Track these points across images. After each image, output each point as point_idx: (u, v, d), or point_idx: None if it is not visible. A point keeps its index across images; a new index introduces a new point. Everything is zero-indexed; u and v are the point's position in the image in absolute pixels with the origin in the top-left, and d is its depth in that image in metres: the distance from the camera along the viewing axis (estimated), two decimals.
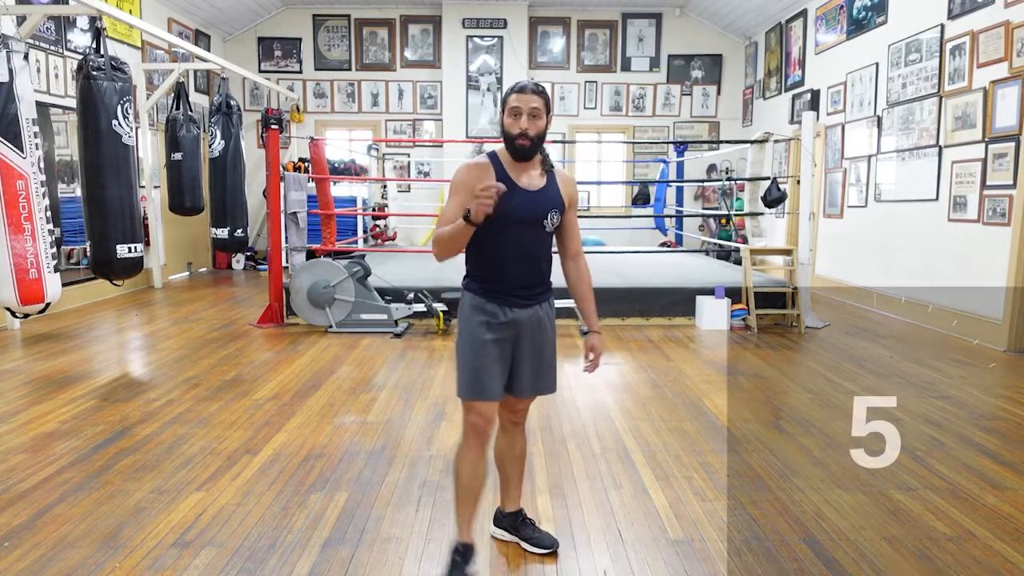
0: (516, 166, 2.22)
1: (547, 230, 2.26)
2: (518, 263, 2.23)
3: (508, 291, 2.24)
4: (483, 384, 2.22)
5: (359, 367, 4.85)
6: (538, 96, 2.17)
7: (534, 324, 2.28)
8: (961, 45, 5.96)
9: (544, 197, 2.24)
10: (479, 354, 2.22)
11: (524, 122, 2.15)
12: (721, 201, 10.45)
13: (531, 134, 2.16)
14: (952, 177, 6.07)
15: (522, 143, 2.16)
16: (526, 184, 2.22)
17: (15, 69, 4.48)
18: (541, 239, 2.26)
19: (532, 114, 2.16)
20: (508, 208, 2.13)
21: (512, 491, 2.49)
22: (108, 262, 5.33)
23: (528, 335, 2.28)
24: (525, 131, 2.16)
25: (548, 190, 2.25)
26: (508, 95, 2.19)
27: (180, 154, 8.27)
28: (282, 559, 2.36)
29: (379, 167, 11.01)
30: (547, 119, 2.20)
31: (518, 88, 2.19)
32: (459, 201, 2.16)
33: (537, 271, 2.28)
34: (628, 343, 5.67)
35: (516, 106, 2.16)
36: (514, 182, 2.20)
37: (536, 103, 2.16)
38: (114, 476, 2.99)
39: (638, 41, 11.12)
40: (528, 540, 2.45)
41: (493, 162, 2.23)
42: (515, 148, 2.18)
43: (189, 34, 9.63)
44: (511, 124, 2.17)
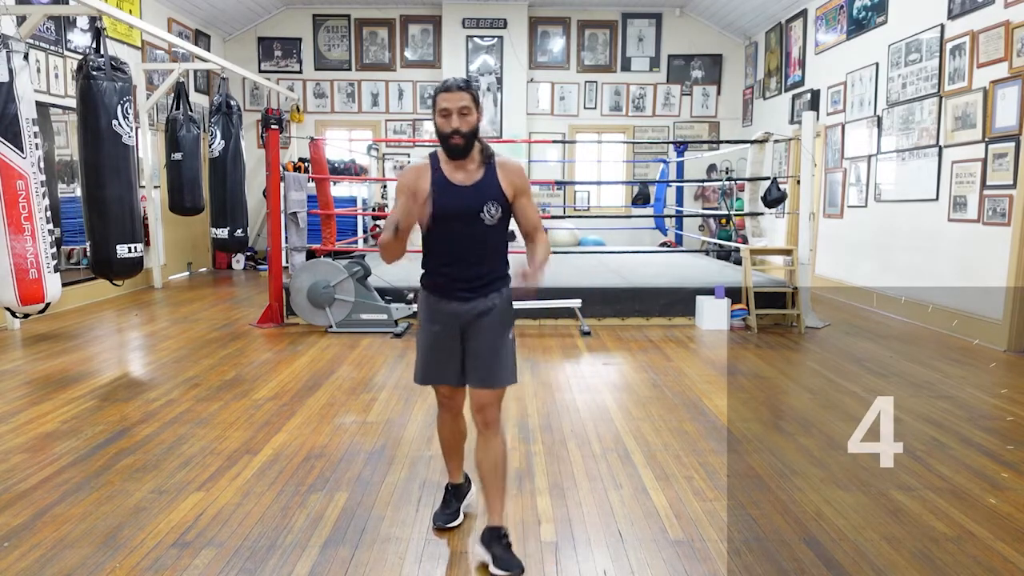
0: (452, 163, 2.30)
1: (486, 223, 2.30)
2: (457, 258, 2.32)
3: (449, 284, 2.36)
4: (429, 371, 2.44)
5: (359, 367, 4.85)
6: (466, 92, 2.22)
7: (477, 316, 2.34)
8: (961, 45, 5.96)
9: (478, 190, 2.29)
10: (425, 344, 2.43)
11: (455, 121, 2.22)
12: (721, 201, 10.45)
13: (463, 131, 2.23)
14: (952, 177, 6.07)
15: (455, 142, 2.24)
16: (460, 180, 2.29)
17: (15, 69, 4.48)
18: (482, 233, 2.31)
19: (462, 112, 2.21)
20: (441, 205, 2.25)
21: (491, 503, 2.40)
22: (108, 262, 5.34)
23: (472, 327, 2.35)
24: (457, 129, 2.22)
25: (484, 183, 2.30)
26: (436, 95, 2.25)
27: (180, 154, 8.28)
28: (282, 559, 2.36)
29: (379, 167, 11.01)
30: (477, 114, 2.26)
31: (444, 87, 2.24)
32: (400, 203, 2.27)
33: (477, 265, 2.34)
34: (628, 343, 5.66)
35: (445, 107, 2.22)
36: (447, 179, 2.29)
37: (465, 101, 2.21)
38: (114, 476, 2.99)
39: (638, 41, 11.12)
40: (495, 558, 2.28)
41: (431, 161, 2.33)
42: (449, 147, 2.25)
43: (189, 34, 9.63)
44: (443, 124, 2.23)
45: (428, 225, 2.28)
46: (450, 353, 2.38)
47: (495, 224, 2.32)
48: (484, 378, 2.37)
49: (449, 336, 2.37)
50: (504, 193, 2.32)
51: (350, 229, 9.91)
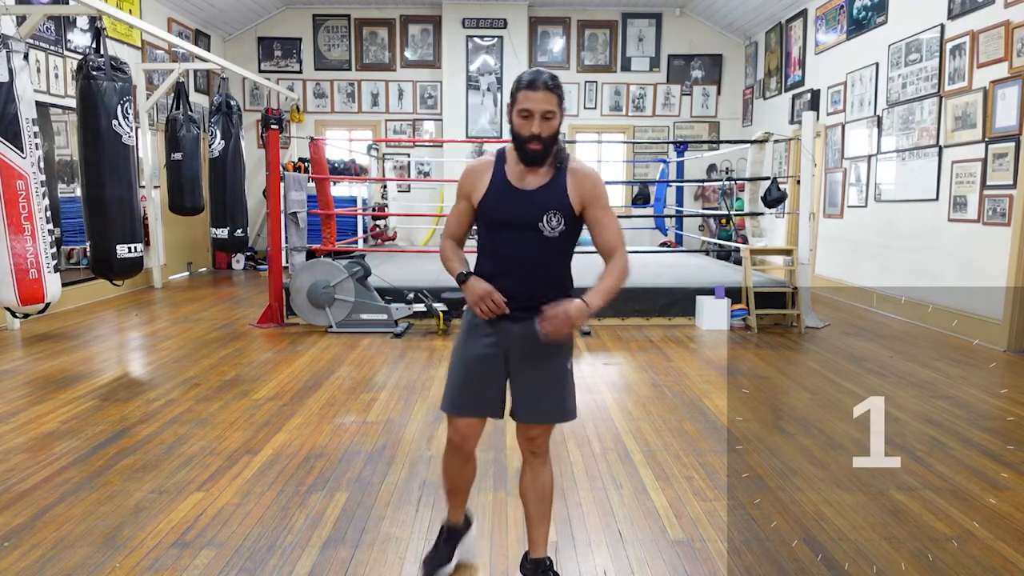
0: (520, 165, 2.02)
1: (546, 234, 1.99)
2: (510, 271, 2.02)
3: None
4: (462, 399, 2.10)
5: (359, 367, 4.85)
6: (552, 94, 1.92)
7: (528, 339, 2.00)
8: (961, 45, 5.96)
9: (540, 198, 1.99)
10: (461, 367, 2.10)
11: (536, 124, 1.92)
12: (721, 201, 10.45)
13: (544, 136, 1.93)
14: (952, 177, 6.07)
15: (534, 148, 1.94)
16: (523, 184, 2.01)
17: (15, 69, 4.48)
18: (540, 246, 2.00)
19: (545, 116, 1.92)
20: (494, 211, 2.03)
21: (535, 533, 2.18)
22: (108, 262, 5.33)
23: (521, 351, 2.05)
24: (538, 134, 1.93)
25: (548, 190, 2.00)
26: (518, 90, 1.94)
27: (180, 154, 8.27)
28: (282, 559, 2.36)
29: (379, 167, 11.01)
30: (560, 117, 1.97)
31: (527, 83, 1.92)
32: (458, 207, 2.12)
33: (532, 282, 2.02)
34: (628, 343, 5.66)
35: (527, 107, 1.92)
36: (509, 181, 2.02)
37: (551, 104, 1.92)
38: (114, 476, 2.99)
39: (638, 41, 11.12)
40: None
41: (497, 159, 2.07)
42: (526, 153, 1.96)
43: (189, 34, 9.63)
44: (522, 126, 1.94)
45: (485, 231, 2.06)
46: (491, 379, 2.07)
47: (556, 236, 2.00)
48: (540, 412, 2.08)
49: (493, 359, 2.06)
50: (571, 203, 1.99)
51: (350, 229, 9.91)
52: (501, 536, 2.54)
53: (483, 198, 2.04)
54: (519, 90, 1.94)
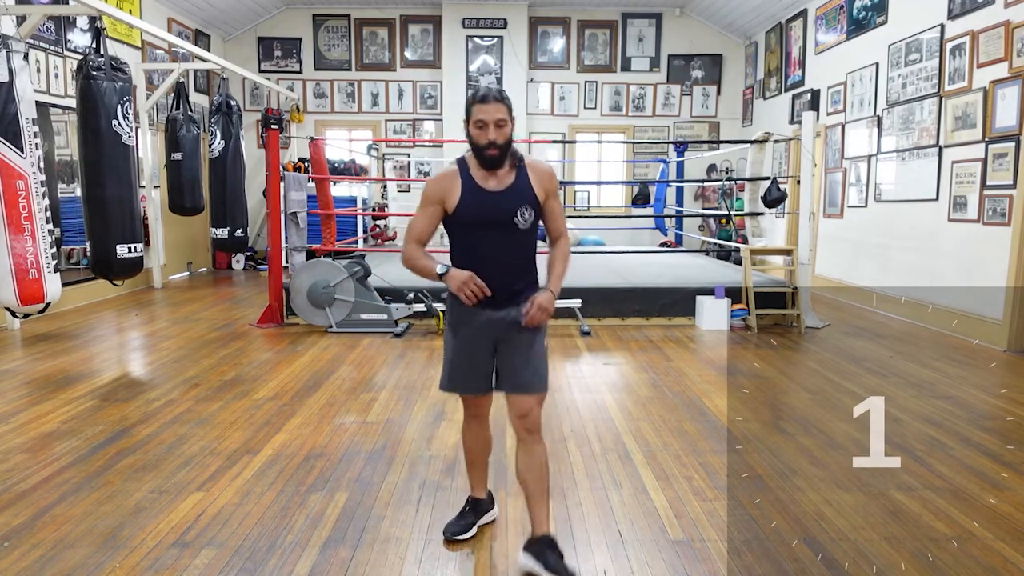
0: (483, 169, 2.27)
1: (520, 227, 2.27)
2: (490, 265, 2.26)
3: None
4: (457, 379, 2.41)
5: (359, 367, 4.85)
6: (501, 103, 2.21)
7: (509, 324, 2.29)
8: (961, 45, 5.96)
9: (511, 195, 2.26)
10: (454, 352, 2.39)
11: (491, 133, 2.20)
12: (721, 201, 10.45)
13: (499, 143, 2.21)
14: (952, 177, 6.07)
15: (491, 154, 2.22)
16: (493, 186, 2.26)
17: (15, 69, 4.48)
18: (515, 238, 2.28)
19: (498, 124, 2.20)
20: (475, 212, 2.25)
21: (536, 510, 2.33)
22: (108, 262, 5.34)
23: (505, 334, 2.31)
24: (493, 141, 2.20)
25: (516, 187, 2.27)
26: (472, 105, 2.22)
27: (180, 154, 8.28)
28: (282, 559, 2.36)
29: (379, 167, 11.01)
30: (511, 124, 2.24)
31: (480, 98, 2.21)
32: (427, 213, 2.31)
33: (510, 272, 2.30)
34: (628, 343, 5.66)
35: (481, 118, 2.20)
36: (479, 185, 2.26)
37: (501, 113, 2.20)
38: (114, 476, 2.99)
39: (638, 41, 11.12)
40: (547, 566, 2.23)
41: (460, 167, 2.30)
42: (485, 159, 2.23)
43: (189, 34, 9.63)
44: (478, 135, 2.21)
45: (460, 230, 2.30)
46: (480, 361, 2.35)
47: (528, 228, 2.29)
48: (521, 384, 2.31)
49: (481, 344, 2.33)
50: (536, 195, 2.29)
51: (350, 229, 9.91)
52: (501, 536, 2.54)
53: (459, 203, 2.27)
54: (473, 104, 2.23)
